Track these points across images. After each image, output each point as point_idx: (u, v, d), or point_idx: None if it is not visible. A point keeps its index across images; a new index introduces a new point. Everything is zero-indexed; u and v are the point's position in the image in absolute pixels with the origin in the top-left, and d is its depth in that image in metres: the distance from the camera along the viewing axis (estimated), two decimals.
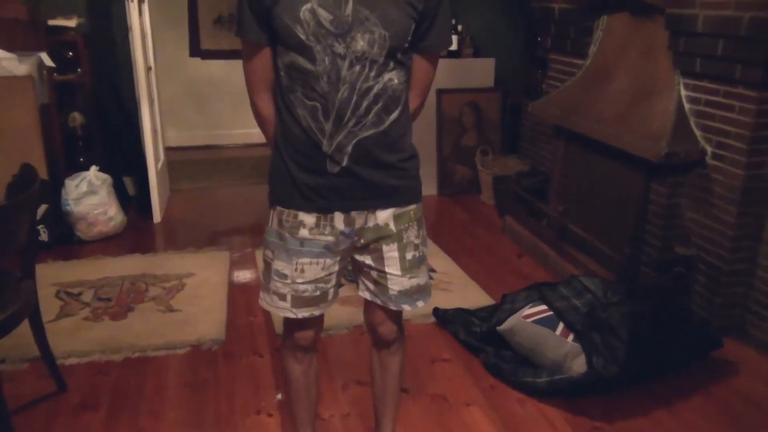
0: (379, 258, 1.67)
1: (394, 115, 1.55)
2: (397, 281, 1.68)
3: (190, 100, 6.00)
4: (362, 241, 1.65)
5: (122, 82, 4.44)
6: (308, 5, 1.44)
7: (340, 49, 1.45)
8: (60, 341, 2.67)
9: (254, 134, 6.23)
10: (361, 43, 1.45)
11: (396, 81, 1.53)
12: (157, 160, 4.20)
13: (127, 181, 4.62)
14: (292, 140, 1.57)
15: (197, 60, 5.90)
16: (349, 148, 1.53)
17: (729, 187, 2.67)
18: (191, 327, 2.87)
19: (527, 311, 2.60)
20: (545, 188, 3.92)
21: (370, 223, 1.62)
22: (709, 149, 2.77)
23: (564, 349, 2.44)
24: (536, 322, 2.54)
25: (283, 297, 1.69)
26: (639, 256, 3.07)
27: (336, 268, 1.69)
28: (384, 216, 1.63)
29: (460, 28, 4.66)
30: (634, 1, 3.16)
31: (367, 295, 1.76)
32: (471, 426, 2.27)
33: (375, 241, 1.64)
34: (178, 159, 5.46)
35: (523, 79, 4.82)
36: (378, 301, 1.74)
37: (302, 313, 1.71)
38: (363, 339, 2.78)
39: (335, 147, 1.53)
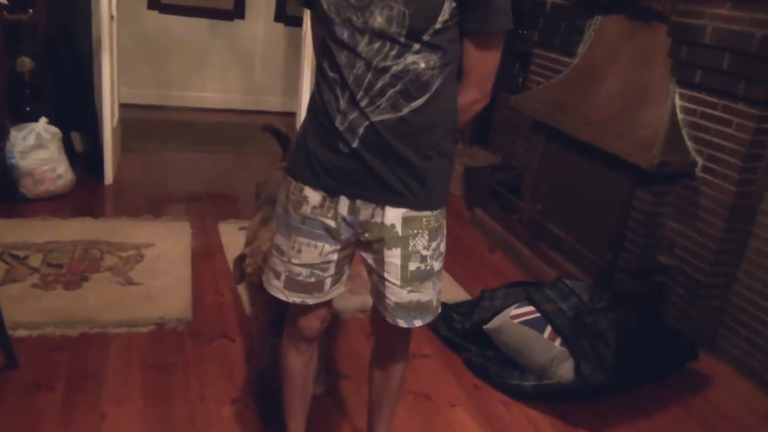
0: (380, 261, 1.52)
1: (417, 102, 1.38)
2: (395, 291, 1.52)
3: (144, 55, 5.62)
4: (366, 235, 1.50)
5: (78, 29, 4.08)
6: None
7: (358, 23, 1.33)
8: (6, 310, 2.39)
9: (208, 98, 5.95)
10: (378, 20, 1.31)
11: (423, 65, 1.36)
12: (112, 116, 3.90)
13: (75, 137, 4.27)
14: (314, 110, 1.48)
15: (155, 13, 5.54)
16: (361, 130, 1.40)
17: (717, 201, 2.69)
18: (154, 303, 2.66)
19: (514, 311, 2.54)
20: (518, 183, 3.88)
21: (377, 219, 1.47)
22: (700, 161, 2.77)
23: (551, 353, 2.40)
24: (524, 323, 2.48)
25: (277, 275, 1.59)
26: (616, 262, 3.06)
27: (335, 257, 1.55)
28: (392, 215, 1.46)
29: None
30: (633, 4, 3.13)
31: (372, 297, 1.64)
32: (458, 429, 2.19)
33: (378, 242, 1.50)
34: (128, 117, 5.11)
35: (497, 70, 4.74)
36: (379, 308, 1.61)
37: (293, 298, 1.60)
38: (357, 329, 2.67)
39: (347, 125, 1.40)
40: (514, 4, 1.42)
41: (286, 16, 5.77)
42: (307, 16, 4.20)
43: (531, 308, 2.55)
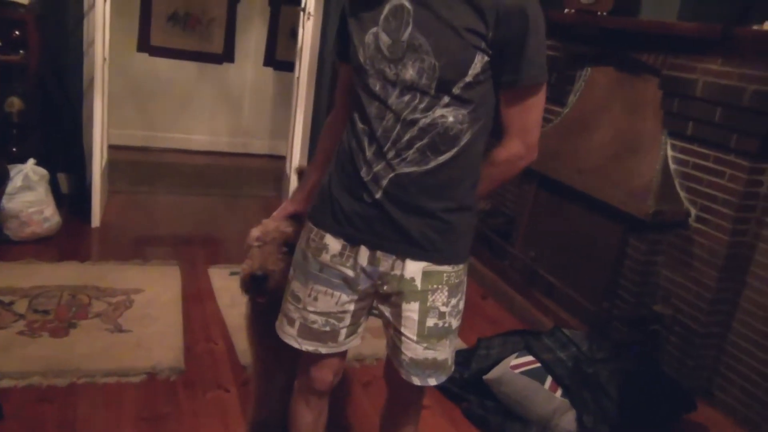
0: (397, 315, 1.50)
1: (444, 156, 1.38)
2: (411, 347, 1.50)
3: (131, 97, 5.59)
4: (385, 287, 1.48)
5: (69, 70, 4.06)
6: (374, 29, 1.37)
7: (390, 75, 1.36)
8: None
9: (195, 140, 5.93)
10: (410, 72, 1.34)
11: (451, 119, 1.36)
12: (102, 158, 3.85)
13: (61, 178, 4.21)
14: (341, 156, 1.49)
15: (144, 56, 5.55)
16: (385, 182, 1.40)
17: (711, 251, 2.71)
18: (145, 351, 2.59)
19: (514, 361, 2.51)
20: (509, 230, 3.90)
21: (396, 272, 1.45)
22: (693, 211, 2.81)
23: (553, 404, 2.37)
24: (524, 373, 2.45)
25: (291, 322, 1.57)
26: (611, 310, 3.06)
27: (351, 307, 1.53)
28: (412, 269, 1.44)
29: None
30: (623, 57, 3.21)
31: (387, 350, 1.62)
32: None
33: (396, 294, 1.48)
34: (115, 158, 5.06)
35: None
36: (393, 363, 1.58)
37: (306, 346, 1.57)
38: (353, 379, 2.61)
39: (372, 176, 1.40)
40: None
41: (275, 61, 5.81)
42: (300, 62, 4.23)
43: (531, 358, 2.52)
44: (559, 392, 2.39)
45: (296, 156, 4.25)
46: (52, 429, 2.09)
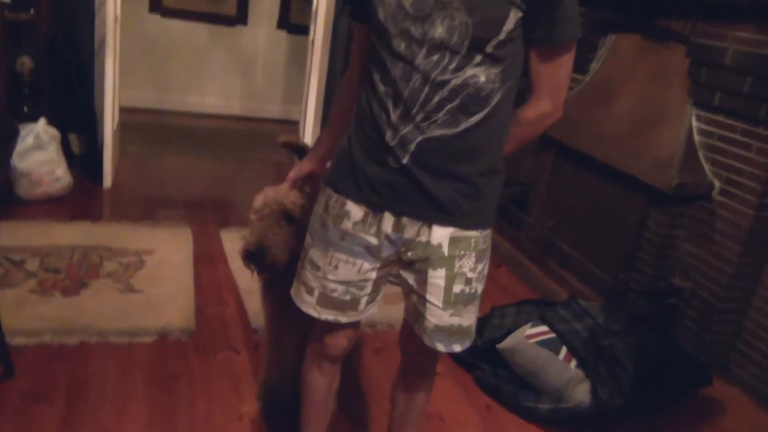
0: (422, 282, 1.44)
1: (476, 118, 1.31)
2: (436, 314, 1.45)
3: (143, 58, 5.53)
4: (409, 254, 1.42)
5: (80, 30, 4.00)
6: None
7: (416, 34, 1.27)
8: (3, 316, 2.31)
9: (208, 104, 5.87)
10: (439, 30, 1.25)
11: (483, 79, 1.28)
12: (113, 119, 3.81)
13: (73, 138, 4.18)
14: (362, 121, 1.40)
15: (156, 17, 5.46)
16: (413, 146, 1.32)
17: (735, 225, 2.65)
18: (156, 312, 2.57)
19: (529, 331, 2.48)
20: (525, 199, 3.84)
21: (422, 238, 1.39)
22: (717, 184, 2.74)
23: (567, 375, 2.33)
24: (539, 343, 2.42)
25: (310, 291, 1.51)
26: (628, 282, 3.01)
27: (373, 275, 1.47)
28: (439, 235, 1.39)
29: None
30: (649, 24, 3.10)
31: (406, 316, 1.57)
32: None
33: (422, 261, 1.42)
34: (126, 120, 5.02)
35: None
36: (414, 329, 1.53)
37: (325, 315, 1.51)
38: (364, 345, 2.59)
39: (399, 140, 1.33)
40: None
41: (290, 24, 5.72)
42: (314, 25, 4.15)
43: (545, 328, 2.48)
44: (573, 363, 2.36)
45: (310, 120, 4.19)
46: (63, 387, 2.08)
